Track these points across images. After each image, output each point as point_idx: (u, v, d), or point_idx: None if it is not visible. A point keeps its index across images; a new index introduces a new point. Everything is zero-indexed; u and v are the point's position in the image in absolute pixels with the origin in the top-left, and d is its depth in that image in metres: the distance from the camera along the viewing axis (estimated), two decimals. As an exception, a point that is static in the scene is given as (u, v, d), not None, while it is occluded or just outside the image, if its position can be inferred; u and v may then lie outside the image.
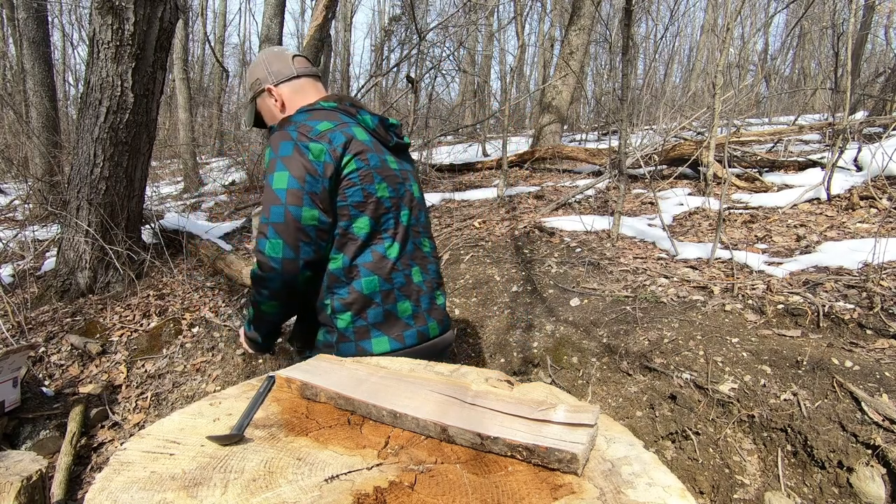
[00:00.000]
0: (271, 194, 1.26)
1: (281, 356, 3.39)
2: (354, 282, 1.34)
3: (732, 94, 6.12)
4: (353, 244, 1.34)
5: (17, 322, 3.51)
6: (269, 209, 1.25)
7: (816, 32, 12.49)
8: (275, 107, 1.51)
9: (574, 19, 7.53)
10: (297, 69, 1.52)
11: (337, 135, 1.32)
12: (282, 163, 1.27)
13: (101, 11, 3.39)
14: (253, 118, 1.59)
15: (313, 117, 1.35)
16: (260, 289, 1.31)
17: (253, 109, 1.58)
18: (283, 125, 1.35)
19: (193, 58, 17.19)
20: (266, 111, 1.54)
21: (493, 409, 0.81)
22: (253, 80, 1.54)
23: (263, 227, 1.26)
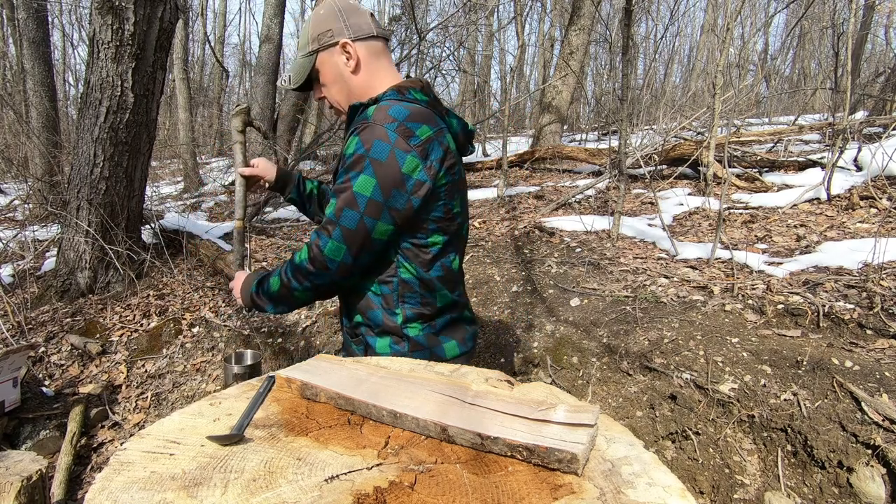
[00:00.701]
0: (350, 196, 1.16)
1: (281, 356, 3.39)
2: (428, 294, 1.30)
3: (732, 94, 6.12)
4: (425, 256, 1.27)
5: (17, 322, 3.51)
6: (343, 211, 1.16)
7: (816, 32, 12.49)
8: (345, 66, 1.30)
9: (574, 19, 7.53)
10: (376, 29, 1.32)
11: (434, 147, 1.20)
12: (371, 166, 1.15)
13: (101, 11, 3.39)
14: (304, 77, 1.34)
15: (413, 116, 1.19)
16: (302, 279, 1.24)
17: (307, 67, 1.33)
18: (380, 117, 1.17)
19: (193, 58, 17.19)
20: (330, 70, 1.32)
21: (494, 409, 0.81)
22: (322, 30, 1.29)
23: (329, 225, 1.18)
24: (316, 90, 1.39)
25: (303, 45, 1.34)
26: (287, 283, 1.26)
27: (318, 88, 1.38)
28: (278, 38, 8.65)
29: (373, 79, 1.32)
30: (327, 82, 1.34)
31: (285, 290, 1.28)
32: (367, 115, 1.20)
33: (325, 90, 1.36)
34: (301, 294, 1.27)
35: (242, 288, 1.40)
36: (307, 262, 1.21)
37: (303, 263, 1.22)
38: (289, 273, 1.25)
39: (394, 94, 1.25)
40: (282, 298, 1.30)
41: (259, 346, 3.48)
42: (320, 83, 1.36)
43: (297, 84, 1.36)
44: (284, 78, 1.38)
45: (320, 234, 1.19)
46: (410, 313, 1.29)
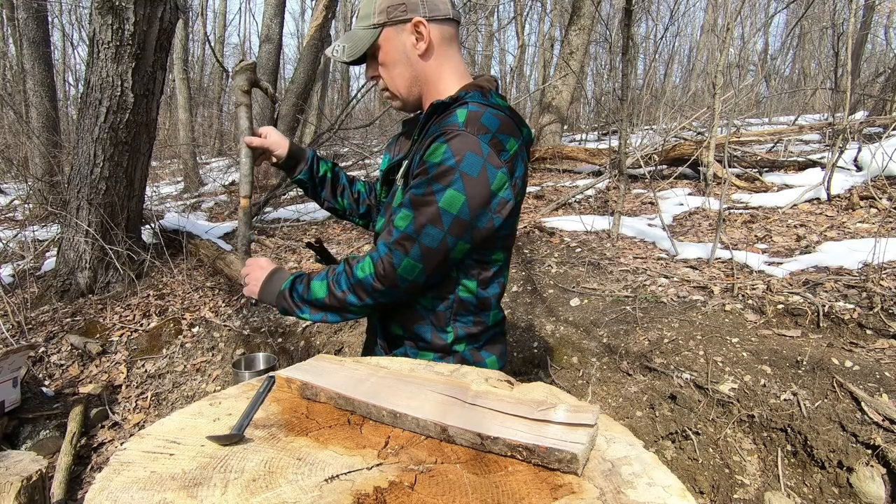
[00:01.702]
0: (435, 211, 1.04)
1: (281, 356, 3.39)
2: (483, 313, 1.23)
3: (732, 94, 6.12)
4: (486, 274, 1.19)
5: (17, 322, 3.51)
6: (426, 228, 1.05)
7: (816, 32, 12.49)
8: (413, 49, 1.15)
9: (574, 19, 7.53)
10: (452, 11, 1.18)
11: (519, 163, 1.10)
12: (462, 181, 1.03)
13: (101, 11, 3.39)
14: (362, 51, 1.17)
15: (503, 128, 1.06)
16: (364, 295, 1.12)
17: (368, 40, 1.17)
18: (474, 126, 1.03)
19: (193, 58, 17.20)
20: (395, 50, 1.16)
21: (494, 409, 0.81)
22: (393, 1, 1.13)
23: (406, 241, 1.06)
24: (370, 68, 1.22)
25: (365, 14, 1.17)
26: (341, 295, 1.14)
27: (374, 66, 1.21)
28: (278, 38, 8.64)
29: (442, 68, 1.18)
30: (388, 63, 1.18)
31: (336, 302, 1.15)
32: (458, 121, 1.05)
33: (382, 70, 1.20)
34: (358, 309, 1.16)
35: (265, 281, 1.25)
36: (374, 278, 1.10)
37: (368, 279, 1.10)
38: (344, 285, 1.13)
39: (479, 98, 1.11)
40: (328, 308, 1.17)
41: (260, 346, 3.48)
42: (378, 61, 1.19)
43: (352, 58, 1.18)
44: (337, 48, 1.20)
45: (394, 250, 1.07)
46: (462, 332, 1.22)
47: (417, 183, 1.07)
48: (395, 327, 1.26)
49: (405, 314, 1.22)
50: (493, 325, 1.27)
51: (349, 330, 3.40)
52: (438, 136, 1.06)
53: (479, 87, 1.16)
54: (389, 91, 1.22)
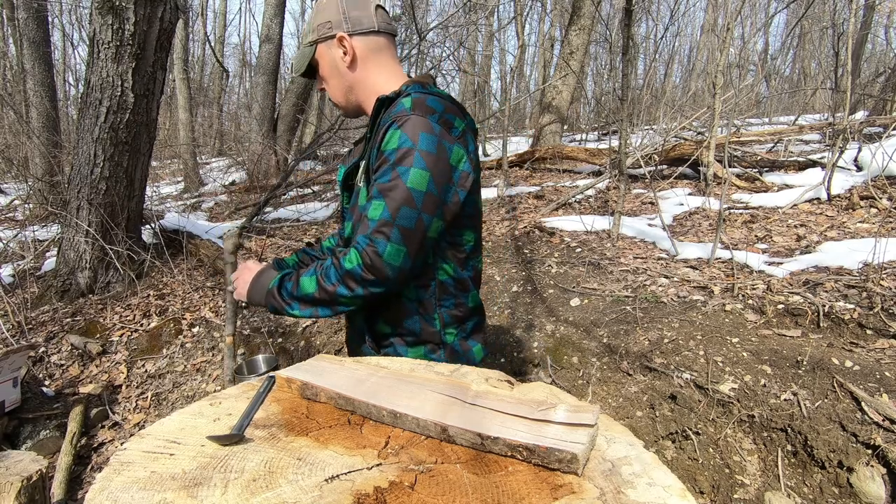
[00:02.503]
0: (405, 192, 1.08)
1: (281, 356, 3.39)
2: (463, 294, 1.27)
3: (732, 94, 6.12)
4: (460, 255, 1.24)
5: (17, 322, 3.51)
6: (400, 209, 1.08)
7: (816, 32, 12.49)
8: (342, 61, 1.25)
9: (574, 19, 7.53)
10: (379, 23, 1.26)
11: (470, 139, 1.17)
12: (422, 159, 1.08)
13: (102, 11, 3.40)
14: (304, 66, 1.29)
15: (448, 108, 1.15)
16: (355, 286, 1.12)
17: (307, 56, 1.28)
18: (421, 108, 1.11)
19: (193, 58, 17.19)
20: (327, 63, 1.27)
21: (494, 409, 0.81)
22: (322, 20, 1.25)
23: (385, 227, 1.09)
24: (318, 81, 1.35)
25: (305, 33, 1.30)
26: (331, 288, 1.15)
27: (320, 80, 1.34)
28: (278, 38, 8.65)
29: (373, 75, 1.27)
30: (325, 75, 1.30)
31: (326, 295, 1.16)
32: (406, 107, 1.13)
33: (324, 82, 1.32)
34: (348, 300, 1.16)
35: (252, 282, 1.29)
36: (362, 268, 1.10)
37: (356, 270, 1.11)
38: (333, 277, 1.14)
39: (419, 88, 1.19)
40: (318, 302, 1.18)
41: (260, 346, 3.48)
42: (318, 76, 1.33)
43: (298, 72, 1.31)
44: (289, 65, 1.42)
45: (374, 239, 1.09)
46: (448, 317, 1.26)
47: (381, 172, 1.12)
48: (383, 326, 1.27)
49: (392, 310, 1.25)
50: (473, 308, 1.31)
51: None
52: (390, 124, 1.12)
53: (418, 81, 1.24)
54: (334, 100, 1.34)
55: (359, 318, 1.33)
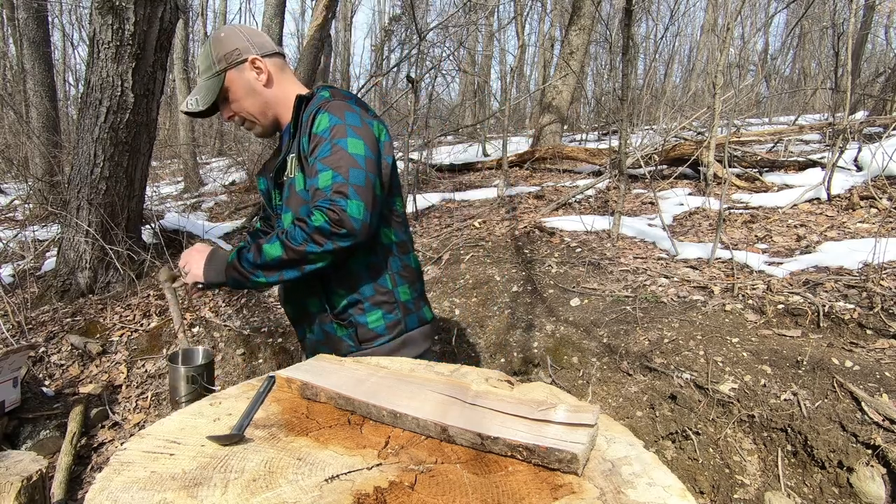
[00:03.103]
0: (349, 158, 1.21)
1: (281, 356, 3.39)
2: (405, 256, 1.43)
3: (732, 94, 6.12)
4: (397, 221, 1.40)
5: (17, 322, 3.51)
6: (349, 171, 1.19)
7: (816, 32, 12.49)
8: (257, 81, 1.37)
9: (574, 19, 7.53)
10: (277, 46, 1.44)
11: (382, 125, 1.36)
12: (353, 131, 1.24)
13: (102, 11, 3.40)
14: (214, 97, 1.36)
15: (358, 101, 1.34)
16: (323, 240, 1.18)
17: (217, 86, 1.36)
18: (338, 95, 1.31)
19: (193, 58, 17.18)
20: (242, 86, 1.37)
21: (494, 409, 0.81)
22: (228, 49, 1.35)
23: (341, 187, 1.18)
24: (224, 110, 1.42)
25: (206, 67, 1.38)
26: (299, 247, 1.19)
27: (227, 108, 1.41)
28: (278, 38, 8.64)
29: (285, 90, 1.41)
30: (239, 98, 1.38)
31: (294, 255, 1.20)
32: (325, 96, 1.32)
33: (235, 106, 1.40)
34: (317, 256, 1.20)
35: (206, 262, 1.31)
36: (330, 223, 1.17)
37: (325, 226, 1.17)
38: (299, 238, 1.19)
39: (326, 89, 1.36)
40: (286, 264, 1.22)
41: (260, 346, 3.48)
42: (229, 101, 1.40)
43: (207, 104, 1.37)
44: (190, 102, 1.37)
45: (334, 199, 1.17)
46: (398, 277, 1.39)
47: (320, 149, 1.24)
48: (340, 300, 1.36)
49: (345, 281, 1.35)
50: (416, 270, 1.47)
51: (349, 330, 3.39)
52: (315, 112, 1.28)
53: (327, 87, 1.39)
54: (248, 121, 1.43)
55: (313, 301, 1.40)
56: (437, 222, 5.25)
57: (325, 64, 11.54)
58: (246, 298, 3.91)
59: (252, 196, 7.27)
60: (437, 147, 9.11)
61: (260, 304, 3.87)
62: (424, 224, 5.21)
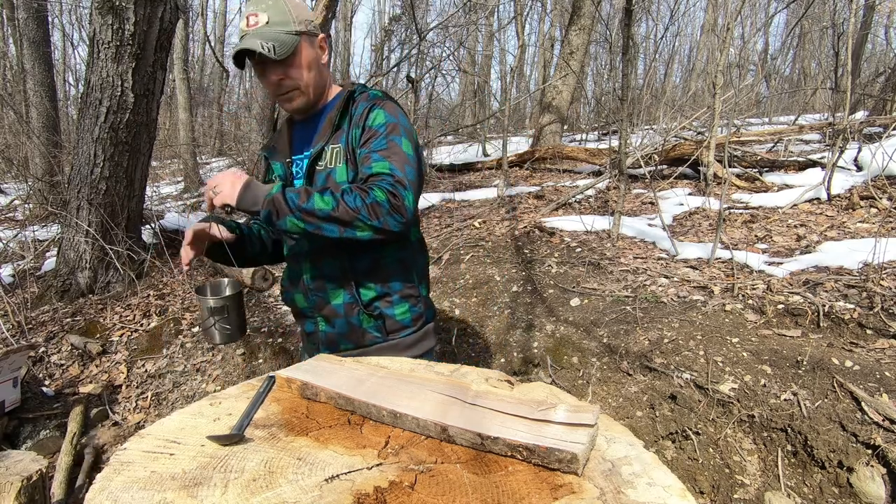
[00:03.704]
0: (403, 155, 1.28)
1: (281, 356, 3.39)
2: (424, 255, 1.51)
3: (732, 94, 6.12)
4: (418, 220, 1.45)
5: (17, 322, 3.51)
6: (404, 166, 1.26)
7: (816, 32, 12.49)
8: (321, 60, 1.40)
9: (574, 19, 7.53)
10: None
11: None
12: (405, 132, 1.31)
13: (102, 11, 3.40)
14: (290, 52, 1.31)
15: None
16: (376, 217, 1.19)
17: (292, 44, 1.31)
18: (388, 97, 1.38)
19: (193, 58, 17.19)
20: (308, 57, 1.35)
21: (494, 409, 0.81)
22: (306, 17, 1.35)
23: (400, 178, 1.23)
24: (277, 71, 1.33)
25: (283, 21, 1.31)
26: (353, 210, 1.19)
27: (283, 70, 1.34)
28: (278, 38, 8.64)
29: (329, 77, 1.47)
30: (301, 66, 1.35)
31: (346, 215, 1.19)
32: (378, 94, 1.38)
33: (294, 72, 1.35)
34: (364, 226, 1.21)
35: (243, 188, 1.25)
36: (389, 204, 1.20)
37: (384, 203, 1.19)
38: (357, 201, 1.19)
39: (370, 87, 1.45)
40: (332, 220, 1.20)
41: (260, 345, 3.48)
42: (289, 65, 1.34)
43: (282, 56, 1.30)
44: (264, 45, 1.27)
45: (396, 186, 1.22)
46: (420, 273, 1.47)
47: (375, 141, 1.30)
48: (368, 292, 1.40)
49: (376, 274, 1.39)
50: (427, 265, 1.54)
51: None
52: (371, 107, 1.34)
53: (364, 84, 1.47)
54: (296, 91, 1.38)
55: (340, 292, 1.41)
56: (437, 222, 5.25)
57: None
58: (245, 299, 3.91)
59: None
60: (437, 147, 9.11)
61: (260, 304, 3.87)
62: (424, 224, 5.21)
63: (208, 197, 1.28)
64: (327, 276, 1.40)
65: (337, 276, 1.39)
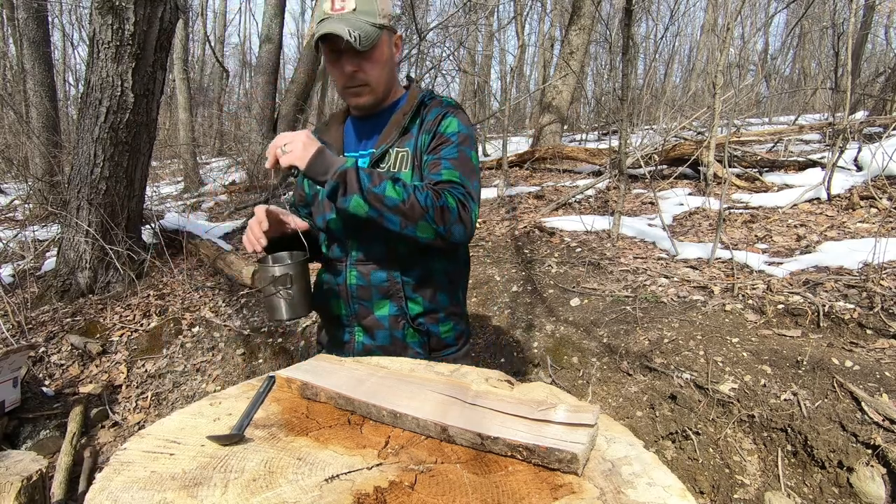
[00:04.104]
0: (472, 167, 1.27)
1: (281, 357, 3.39)
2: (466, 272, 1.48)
3: (732, 94, 6.12)
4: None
5: (17, 322, 3.51)
6: (472, 180, 1.25)
7: (816, 32, 12.49)
8: (392, 58, 1.33)
9: (574, 19, 7.53)
10: None
11: None
12: (474, 144, 1.30)
13: (102, 11, 3.39)
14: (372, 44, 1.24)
15: None
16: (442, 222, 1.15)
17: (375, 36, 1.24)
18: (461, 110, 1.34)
19: (193, 58, 17.19)
20: (384, 53, 1.29)
21: (494, 409, 0.81)
22: (389, 12, 1.30)
23: (469, 190, 1.22)
24: (352, 62, 1.26)
25: (371, 10, 1.25)
26: (421, 206, 1.14)
27: (358, 62, 1.27)
28: (278, 38, 8.64)
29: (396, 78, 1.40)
30: (377, 62, 1.29)
31: (413, 211, 1.14)
32: (451, 103, 1.34)
33: (368, 66, 1.28)
34: (427, 227, 1.16)
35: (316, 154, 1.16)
36: (457, 213, 1.17)
37: (453, 211, 1.16)
38: (428, 201, 1.15)
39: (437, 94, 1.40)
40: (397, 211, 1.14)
41: (260, 346, 3.48)
42: (366, 59, 1.27)
43: (365, 48, 1.23)
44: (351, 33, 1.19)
45: (467, 197, 1.20)
46: (464, 290, 1.45)
47: (447, 149, 1.27)
48: (416, 306, 1.34)
49: (426, 287, 1.34)
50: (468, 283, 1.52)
51: (349, 330, 3.39)
52: (445, 114, 1.30)
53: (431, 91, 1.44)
54: (366, 86, 1.31)
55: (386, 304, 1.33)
56: (437, 222, 5.24)
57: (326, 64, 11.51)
58: (246, 299, 3.91)
59: (252, 196, 7.27)
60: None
61: (260, 305, 3.87)
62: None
63: (273, 154, 1.17)
64: (375, 284, 1.32)
65: (385, 286, 1.32)
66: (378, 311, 1.34)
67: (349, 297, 1.36)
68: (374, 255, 1.32)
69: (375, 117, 1.37)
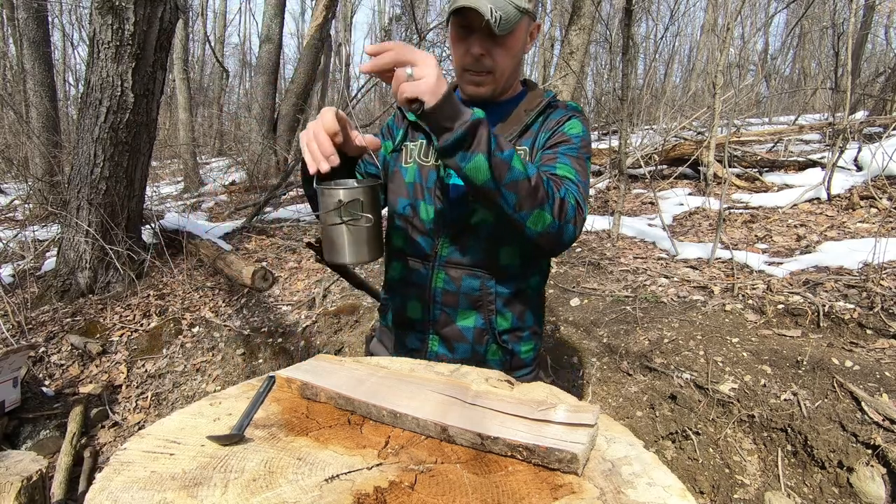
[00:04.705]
0: (587, 174, 1.16)
1: (281, 357, 3.39)
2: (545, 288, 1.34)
3: (732, 94, 6.12)
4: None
5: (17, 322, 3.51)
6: (586, 186, 1.14)
7: (816, 32, 12.49)
8: (524, 49, 1.18)
9: (574, 19, 7.52)
10: None
11: None
12: (589, 152, 1.20)
13: (102, 11, 3.40)
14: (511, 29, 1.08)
15: None
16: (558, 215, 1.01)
17: (515, 21, 1.08)
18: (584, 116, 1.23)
19: (193, 58, 17.19)
20: (520, 40, 1.14)
21: (494, 409, 0.81)
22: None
23: (584, 191, 1.12)
24: (479, 42, 1.11)
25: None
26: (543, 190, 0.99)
27: (492, 45, 1.12)
28: (278, 38, 8.65)
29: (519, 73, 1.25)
30: (512, 49, 1.13)
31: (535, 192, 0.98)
32: (576, 107, 1.24)
33: (500, 52, 1.12)
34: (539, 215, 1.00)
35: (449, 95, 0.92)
36: (574, 213, 1.04)
37: (570, 209, 1.03)
38: (552, 189, 1.01)
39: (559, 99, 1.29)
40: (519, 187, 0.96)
41: (260, 346, 3.48)
42: (500, 44, 1.12)
43: (503, 33, 1.08)
44: (495, 13, 1.04)
45: (583, 199, 1.08)
46: (544, 308, 1.33)
47: (566, 147, 1.16)
48: (503, 322, 1.21)
49: (517, 301, 1.22)
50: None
51: (349, 330, 3.40)
52: (570, 116, 1.20)
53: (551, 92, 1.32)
54: (491, 74, 1.15)
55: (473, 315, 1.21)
56: (437, 222, 5.24)
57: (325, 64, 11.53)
58: (246, 299, 3.91)
59: (252, 196, 7.27)
60: (437, 147, 9.08)
61: (260, 304, 3.87)
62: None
63: (399, 77, 0.91)
64: (465, 292, 1.19)
65: (476, 294, 1.19)
66: (461, 321, 1.21)
67: (432, 301, 1.21)
68: (471, 258, 1.18)
69: (489, 109, 1.13)
